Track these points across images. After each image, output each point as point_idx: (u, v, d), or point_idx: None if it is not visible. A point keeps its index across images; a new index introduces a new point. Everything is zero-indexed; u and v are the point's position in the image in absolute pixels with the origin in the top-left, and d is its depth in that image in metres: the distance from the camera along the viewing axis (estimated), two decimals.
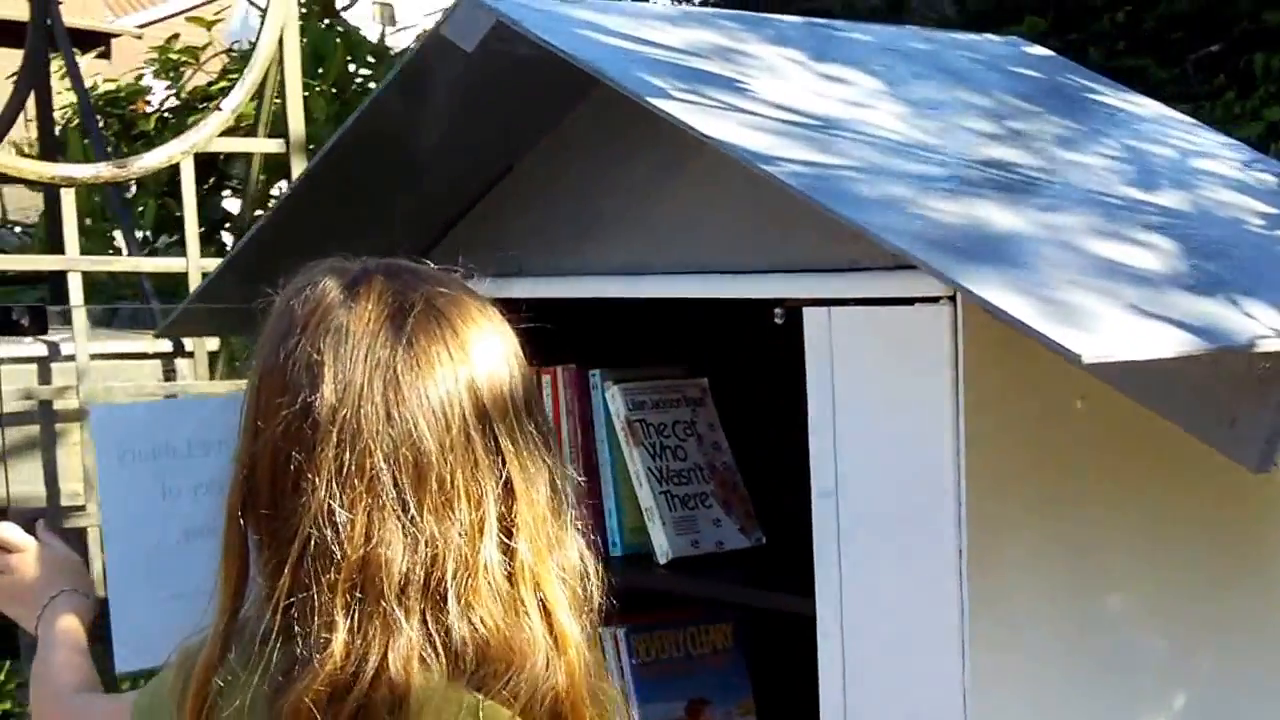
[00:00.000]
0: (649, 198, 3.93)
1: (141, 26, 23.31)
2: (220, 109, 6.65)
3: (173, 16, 20.65)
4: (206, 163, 9.69)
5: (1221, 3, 10.35)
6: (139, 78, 12.65)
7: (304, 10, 10.19)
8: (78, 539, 6.15)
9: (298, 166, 6.29)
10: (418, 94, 4.04)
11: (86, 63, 12.58)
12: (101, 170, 6.54)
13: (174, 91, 12.10)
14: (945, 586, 3.29)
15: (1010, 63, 4.38)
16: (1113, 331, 2.75)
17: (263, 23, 6.44)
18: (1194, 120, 4.39)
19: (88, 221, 9.68)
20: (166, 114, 11.92)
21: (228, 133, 6.75)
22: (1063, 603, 3.45)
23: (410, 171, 4.31)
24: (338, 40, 10.21)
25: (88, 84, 11.95)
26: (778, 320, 3.58)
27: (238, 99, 6.57)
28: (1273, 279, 3.21)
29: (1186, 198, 3.62)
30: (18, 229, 12.33)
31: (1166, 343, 2.77)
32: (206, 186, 10.48)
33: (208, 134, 6.40)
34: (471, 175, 4.38)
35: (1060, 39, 10.69)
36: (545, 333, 4.32)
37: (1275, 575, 3.77)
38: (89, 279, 7.08)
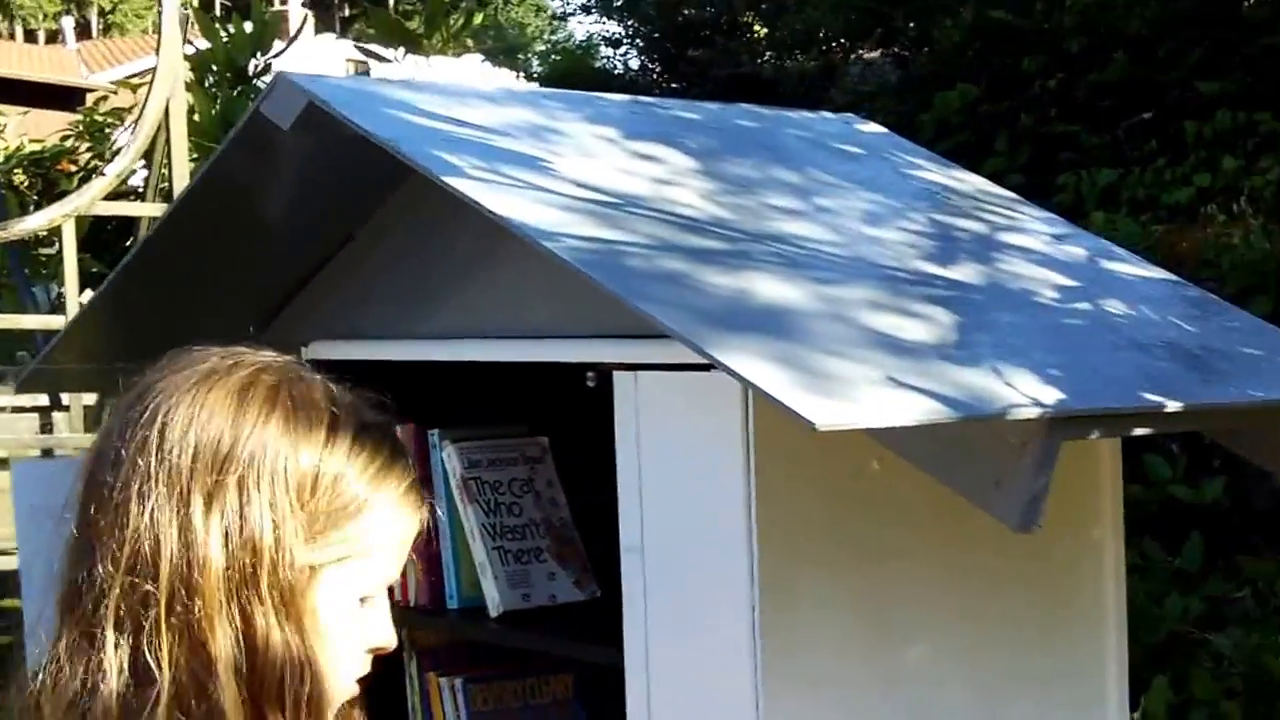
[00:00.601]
0: (475, 266, 4.08)
1: (115, 82, 23.39)
2: (104, 174, 6.73)
3: (145, 73, 20.71)
4: (128, 222, 9.76)
5: (1153, 71, 10.50)
6: (65, 139, 12.71)
7: (215, 78, 10.24)
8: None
9: None
10: (255, 162, 4.16)
11: (17, 122, 12.67)
12: None
13: (96, 153, 12.17)
14: (740, 643, 3.42)
15: (837, 140, 4.52)
16: (859, 399, 2.89)
17: (149, 92, 6.52)
18: (1016, 196, 4.53)
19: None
20: (91, 174, 11.98)
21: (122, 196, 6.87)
22: (861, 657, 3.59)
23: (256, 235, 4.45)
24: (249, 105, 10.26)
25: (15, 144, 12.07)
26: (590, 384, 3.73)
27: (122, 164, 6.66)
28: (1044, 349, 3.35)
29: (981, 271, 3.76)
30: None
31: (912, 410, 2.90)
32: (129, 243, 10.56)
33: (90, 197, 6.48)
34: (314, 241, 4.53)
35: (993, 105, 10.86)
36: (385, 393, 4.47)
37: (1074, 627, 3.91)
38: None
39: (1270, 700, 6.30)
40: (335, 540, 1.98)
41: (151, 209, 6.48)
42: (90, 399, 6.47)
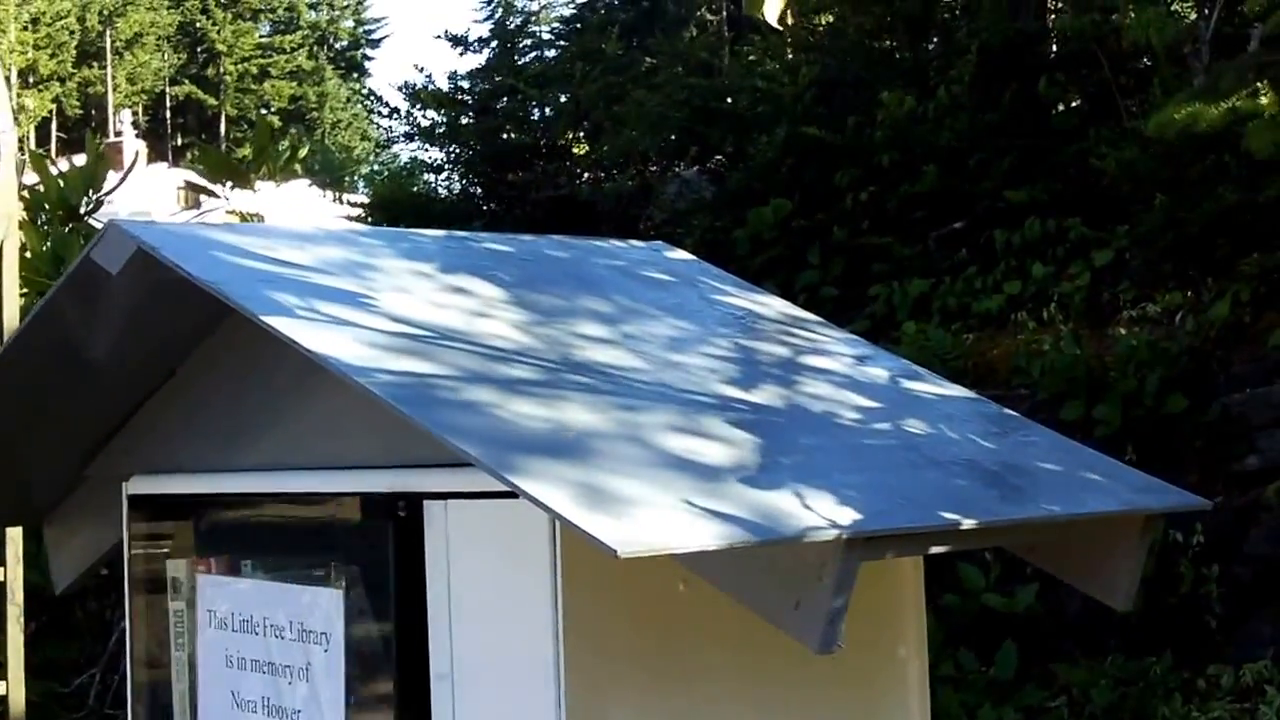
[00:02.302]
0: (292, 400, 4.08)
1: None
2: None
3: None
4: None
5: (963, 181, 10.64)
6: None
7: (48, 215, 10.20)
8: None
9: None
10: (83, 304, 4.15)
11: None
12: None
13: None
14: None
15: (647, 268, 4.56)
16: (660, 525, 2.91)
17: None
18: (819, 319, 4.58)
19: None
20: None
21: None
22: None
23: (83, 373, 4.42)
24: (81, 242, 10.23)
25: None
26: (401, 514, 3.72)
27: None
28: (844, 470, 3.39)
29: (783, 394, 3.80)
30: None
31: (712, 534, 2.93)
32: None
33: None
34: (138, 378, 4.50)
35: (807, 219, 10.95)
36: (202, 527, 4.44)
37: None
38: None
39: None
40: None
41: None
42: None
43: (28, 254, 8.12)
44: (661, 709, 3.56)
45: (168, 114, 59.98)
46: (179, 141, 57.47)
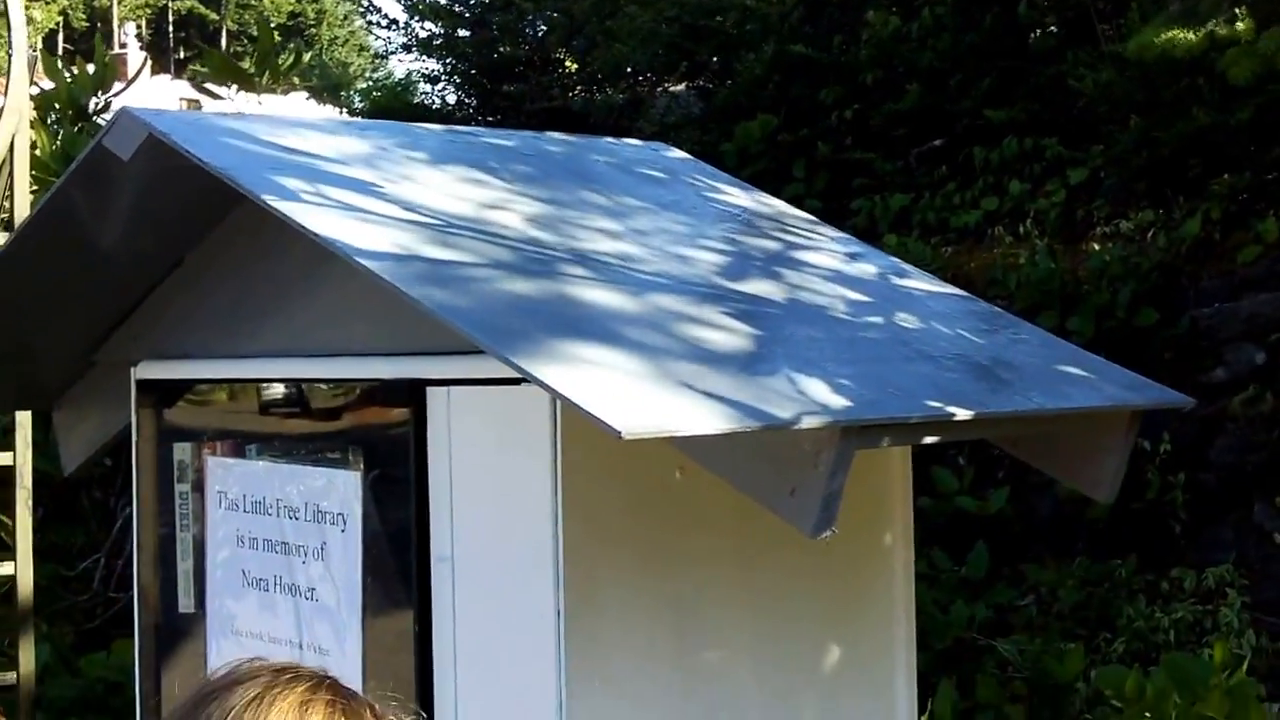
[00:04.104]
0: (298, 287, 4.02)
1: None
2: None
3: None
4: None
5: (944, 100, 10.57)
6: None
7: (58, 115, 10.10)
8: None
9: None
10: (93, 193, 4.09)
11: None
12: None
13: None
14: (545, 646, 3.39)
15: (644, 165, 4.50)
16: (663, 409, 2.85)
17: None
18: (813, 217, 4.52)
19: None
20: None
21: None
22: (661, 658, 3.56)
23: (92, 261, 4.36)
24: (89, 140, 10.14)
25: None
26: (412, 400, 3.67)
27: None
28: (839, 361, 3.33)
29: (778, 287, 3.75)
30: None
31: (713, 420, 2.87)
32: None
33: None
34: (147, 266, 4.44)
35: (792, 134, 10.87)
36: (209, 411, 4.39)
37: (867, 624, 3.90)
38: None
39: (1054, 704, 6.34)
40: None
41: None
42: None
43: (37, 151, 8.03)
44: (656, 591, 3.53)
45: (170, 28, 59.61)
46: (181, 55, 57.12)
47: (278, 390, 4.17)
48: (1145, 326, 8.06)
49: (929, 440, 3.39)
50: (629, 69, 12.71)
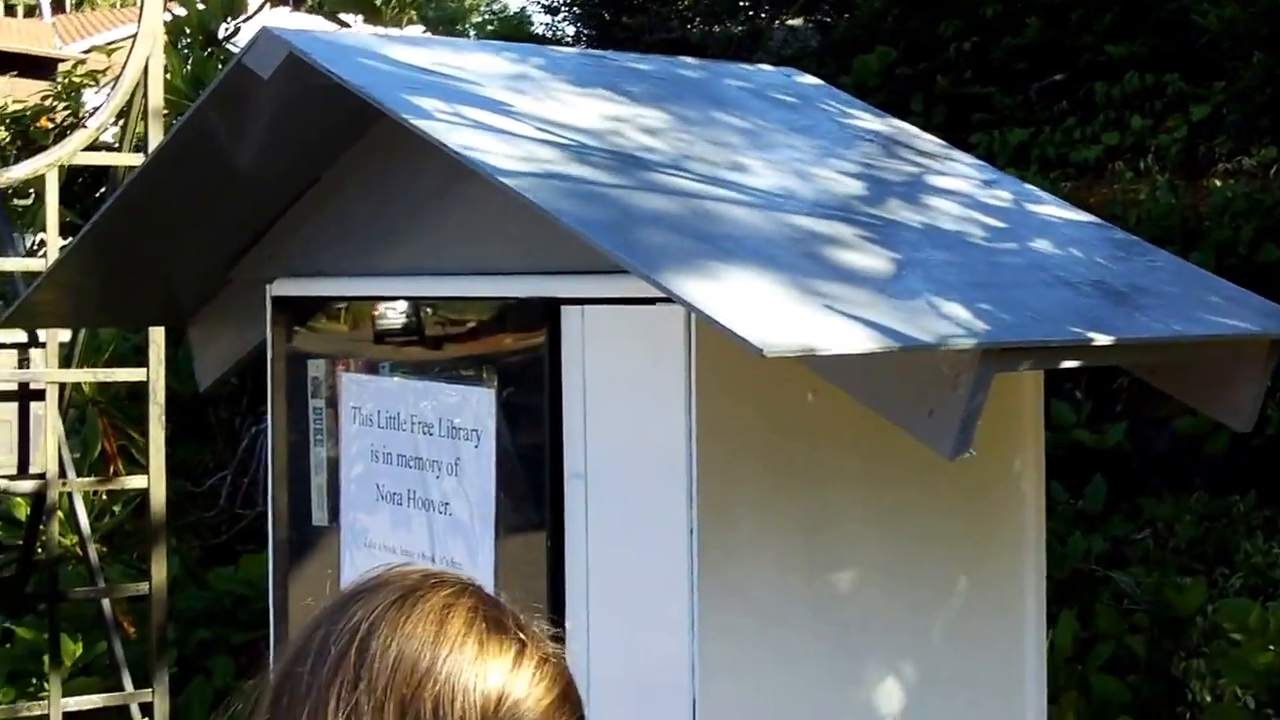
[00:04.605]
0: (433, 206, 4.01)
1: (85, 51, 23.09)
2: (85, 126, 6.65)
3: (116, 42, 20.43)
4: (100, 173, 9.66)
5: (1065, 35, 10.43)
6: (45, 98, 12.57)
7: (189, 40, 10.17)
8: None
9: None
10: (231, 112, 4.09)
11: (4, 80, 12.51)
12: None
13: (72, 112, 12.04)
14: (677, 562, 3.37)
15: (777, 91, 4.44)
16: (804, 329, 2.81)
17: (130, 51, 6.41)
18: (945, 143, 4.45)
19: None
20: (66, 130, 11.83)
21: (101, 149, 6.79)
22: (796, 574, 3.53)
23: (228, 181, 4.36)
24: (219, 65, 10.19)
25: (0, 104, 11.97)
26: (546, 319, 3.65)
27: (102, 118, 6.57)
28: (976, 285, 3.28)
29: (914, 211, 3.69)
30: None
31: (855, 340, 2.83)
32: (100, 194, 10.42)
33: (71, 149, 6.39)
34: (283, 185, 4.44)
35: (911, 68, 10.77)
36: (345, 328, 4.39)
37: (997, 549, 3.85)
38: None
39: (1173, 635, 6.28)
40: None
41: (129, 159, 6.34)
42: (65, 335, 6.38)
43: (168, 76, 8.07)
44: (788, 510, 3.49)
45: None
46: None
47: (411, 308, 4.16)
48: (1267, 263, 7.92)
49: (1068, 364, 3.32)
50: (746, 2, 12.62)
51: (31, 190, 10.56)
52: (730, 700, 3.39)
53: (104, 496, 7.84)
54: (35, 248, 9.60)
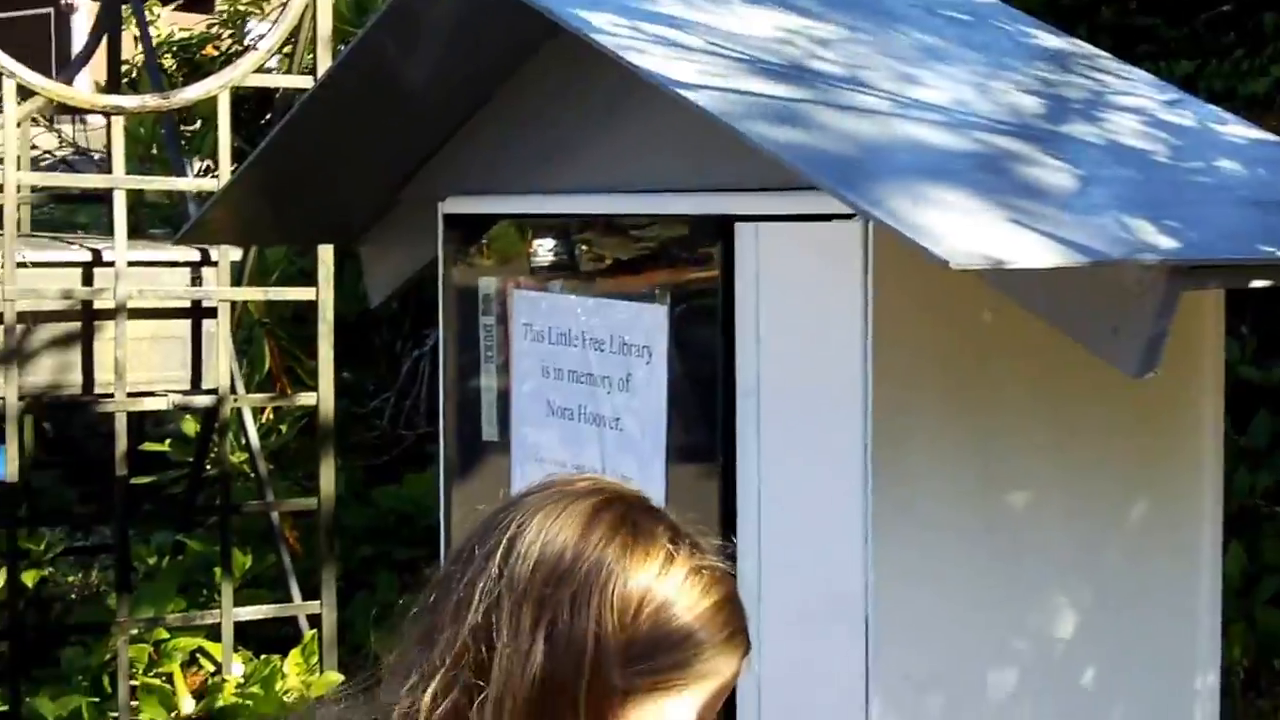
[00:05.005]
0: (603, 125, 3.97)
1: None
2: (256, 49, 6.68)
3: None
4: (267, 98, 9.71)
5: None
6: (210, 26, 12.68)
7: None
8: (107, 423, 6.28)
9: None
10: (402, 33, 4.07)
11: (168, 12, 12.62)
12: (147, 100, 6.55)
13: (237, 39, 12.13)
14: (851, 479, 3.31)
15: (948, 8, 4.33)
16: (990, 243, 2.73)
17: None
18: (1122, 61, 4.34)
19: (154, 150, 9.73)
20: (231, 57, 11.93)
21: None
22: (971, 495, 3.46)
23: (399, 101, 4.35)
24: None
25: (167, 32, 12.08)
26: (721, 235, 3.59)
27: (271, 41, 6.61)
28: (1162, 203, 3.19)
29: (1097, 129, 3.59)
30: (97, 156, 12.37)
31: (1042, 255, 2.75)
32: (267, 119, 10.48)
33: (242, 71, 6.42)
34: (454, 104, 4.41)
35: None
36: (516, 245, 4.36)
37: (1174, 473, 3.76)
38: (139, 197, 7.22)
39: None
40: (650, 670, 1.91)
41: (299, 80, 6.35)
42: (236, 254, 6.42)
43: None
44: (963, 430, 3.42)
45: None
46: None
47: (584, 225, 4.11)
48: None
49: (1257, 284, 3.21)
50: None
51: (199, 118, 10.64)
52: (903, 617, 3.34)
53: (270, 416, 7.90)
54: (201, 174, 9.68)
